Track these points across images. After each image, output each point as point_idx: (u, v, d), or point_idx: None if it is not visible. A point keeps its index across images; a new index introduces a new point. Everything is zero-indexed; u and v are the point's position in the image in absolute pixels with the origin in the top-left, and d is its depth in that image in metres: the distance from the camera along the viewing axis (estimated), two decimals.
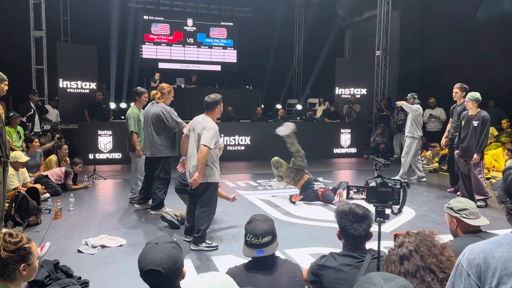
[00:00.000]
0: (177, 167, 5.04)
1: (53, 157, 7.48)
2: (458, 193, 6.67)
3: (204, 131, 4.13)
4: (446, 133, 7.33)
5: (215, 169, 4.26)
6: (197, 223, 4.27)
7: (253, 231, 2.25)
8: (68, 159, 7.74)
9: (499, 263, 1.23)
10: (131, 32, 13.61)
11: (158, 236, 1.85)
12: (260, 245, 2.23)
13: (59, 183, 6.82)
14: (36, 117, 9.15)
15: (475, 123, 6.11)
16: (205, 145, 4.06)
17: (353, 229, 2.29)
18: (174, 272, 1.69)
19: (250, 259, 2.31)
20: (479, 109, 6.16)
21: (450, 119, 7.19)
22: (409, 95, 8.12)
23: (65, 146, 7.82)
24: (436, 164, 9.46)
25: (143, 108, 5.85)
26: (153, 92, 5.60)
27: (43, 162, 7.46)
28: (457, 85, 6.90)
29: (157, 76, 12.78)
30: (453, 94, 6.91)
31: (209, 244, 4.31)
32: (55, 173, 6.88)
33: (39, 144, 7.49)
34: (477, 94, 6.16)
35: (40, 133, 9.22)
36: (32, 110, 9.02)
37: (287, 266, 2.31)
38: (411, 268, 1.64)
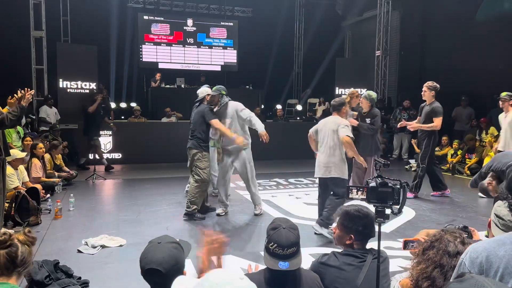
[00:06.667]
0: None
1: (46, 156, 7.39)
2: (440, 193, 6.81)
3: (339, 127, 4.62)
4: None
5: (347, 166, 4.72)
6: (330, 210, 4.55)
7: (278, 240, 2.00)
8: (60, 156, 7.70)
9: (502, 262, 1.23)
10: (131, 32, 13.61)
11: (160, 236, 1.85)
12: (284, 256, 1.98)
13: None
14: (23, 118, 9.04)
15: None
16: (347, 135, 4.57)
17: (372, 231, 2.35)
18: (175, 272, 1.69)
19: (264, 266, 2.11)
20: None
21: (418, 117, 6.86)
22: (214, 88, 5.54)
23: (60, 148, 7.74)
24: None
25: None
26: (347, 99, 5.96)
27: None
28: (427, 83, 6.62)
29: (158, 76, 12.77)
30: (422, 93, 6.65)
31: (330, 232, 4.47)
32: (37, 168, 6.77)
33: (31, 143, 7.45)
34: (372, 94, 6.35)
35: (39, 134, 9.20)
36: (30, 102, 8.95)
37: (309, 279, 2.14)
38: (447, 265, 1.65)
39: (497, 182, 3.19)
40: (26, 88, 4.40)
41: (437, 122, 6.41)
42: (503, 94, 6.36)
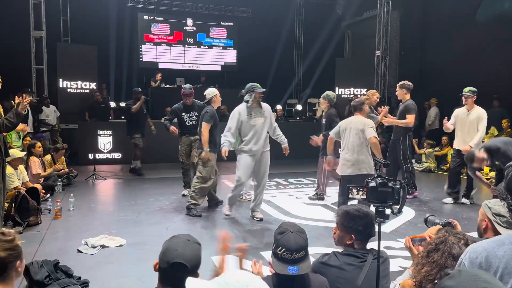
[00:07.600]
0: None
1: (48, 157, 7.40)
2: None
3: (366, 127, 4.86)
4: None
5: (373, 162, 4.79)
6: None
7: (286, 245, 1.98)
8: (63, 158, 7.68)
9: (501, 262, 1.23)
10: (131, 32, 13.60)
11: (184, 234, 1.86)
12: (293, 261, 1.96)
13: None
14: (30, 118, 9.05)
15: None
16: (374, 137, 4.83)
17: (372, 231, 2.35)
18: (194, 272, 1.71)
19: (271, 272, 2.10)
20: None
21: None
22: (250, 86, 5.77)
23: (62, 151, 7.71)
24: (431, 164, 9.43)
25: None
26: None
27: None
28: (399, 83, 6.78)
29: (159, 76, 12.76)
30: (396, 92, 6.82)
31: None
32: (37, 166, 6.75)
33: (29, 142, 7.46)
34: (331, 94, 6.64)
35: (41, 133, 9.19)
36: (26, 110, 8.90)
37: (317, 283, 2.13)
38: (452, 268, 1.64)
39: (488, 156, 3.65)
40: (23, 95, 4.39)
41: (410, 118, 6.51)
42: (466, 89, 6.23)
